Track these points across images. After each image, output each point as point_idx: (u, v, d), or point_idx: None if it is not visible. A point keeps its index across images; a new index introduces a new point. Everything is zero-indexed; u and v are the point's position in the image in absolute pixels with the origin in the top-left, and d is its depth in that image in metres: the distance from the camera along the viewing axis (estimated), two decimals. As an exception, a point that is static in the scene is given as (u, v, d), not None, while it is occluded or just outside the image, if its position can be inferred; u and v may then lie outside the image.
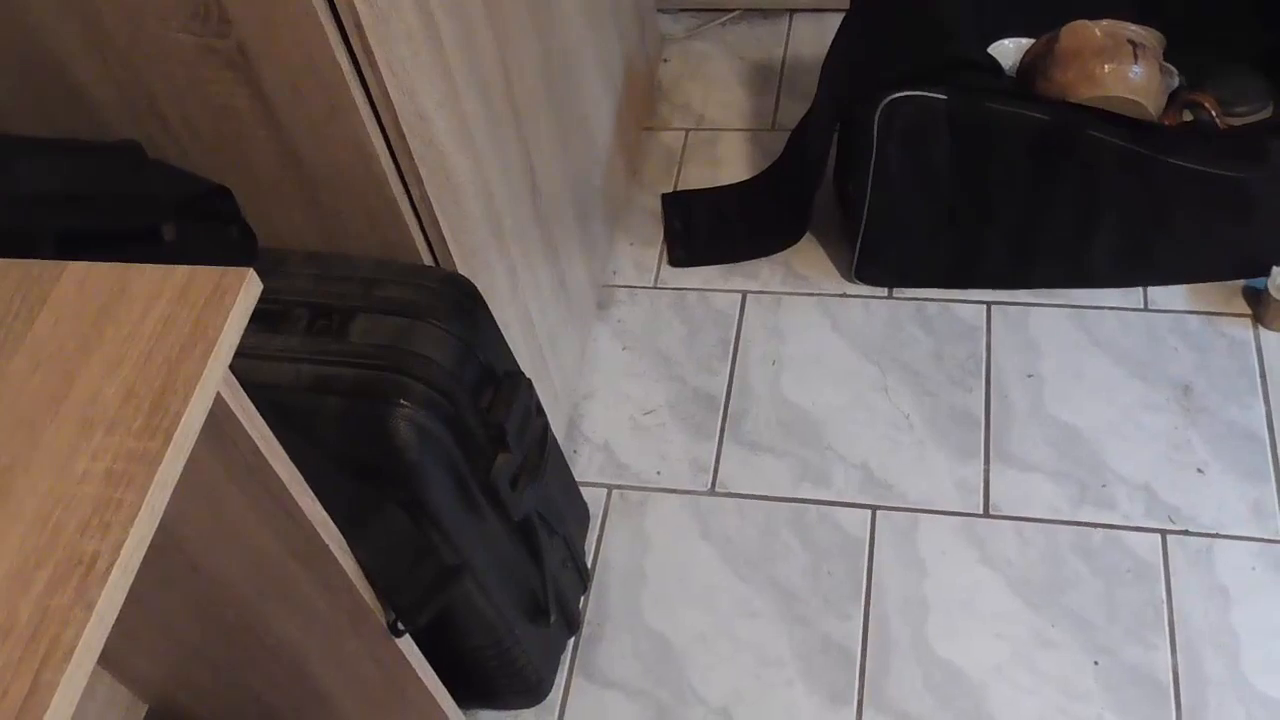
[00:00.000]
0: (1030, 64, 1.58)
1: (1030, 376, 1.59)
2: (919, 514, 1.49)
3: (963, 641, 1.38)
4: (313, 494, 0.92)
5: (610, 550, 1.52)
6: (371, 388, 1.03)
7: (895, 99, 1.47)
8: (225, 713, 1.36)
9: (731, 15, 2.13)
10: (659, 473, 1.58)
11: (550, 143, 1.49)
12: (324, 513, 0.94)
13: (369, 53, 1.02)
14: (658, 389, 1.67)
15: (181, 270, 0.73)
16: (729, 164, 1.91)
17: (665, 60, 2.08)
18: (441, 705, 1.21)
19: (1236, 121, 1.57)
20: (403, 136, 1.08)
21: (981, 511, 1.48)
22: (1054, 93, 1.51)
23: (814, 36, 2.06)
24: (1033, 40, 1.65)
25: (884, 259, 1.67)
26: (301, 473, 0.89)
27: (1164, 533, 1.43)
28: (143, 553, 0.63)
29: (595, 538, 1.53)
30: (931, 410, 1.58)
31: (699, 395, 1.65)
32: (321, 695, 1.24)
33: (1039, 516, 1.46)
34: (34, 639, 0.59)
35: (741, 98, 2.01)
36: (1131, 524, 1.44)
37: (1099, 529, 1.44)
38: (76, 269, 0.75)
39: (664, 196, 1.87)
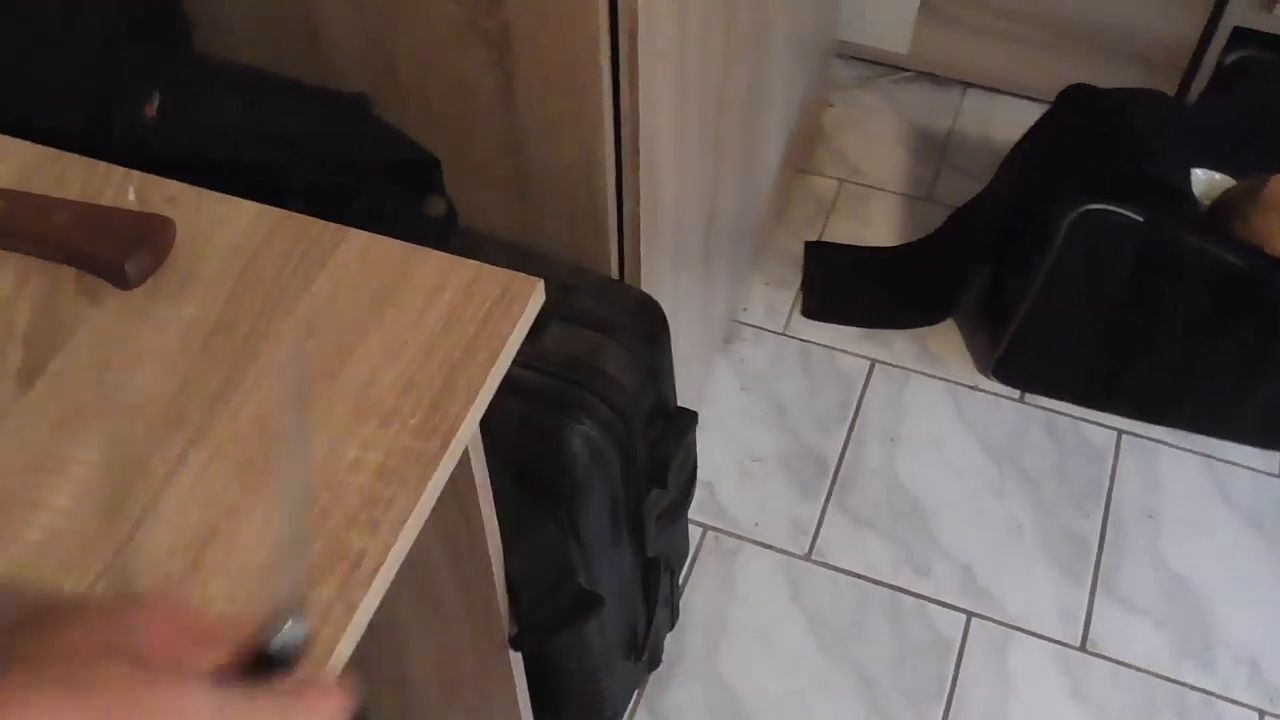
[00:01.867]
0: (1229, 203, 1.54)
1: (1151, 516, 1.56)
2: (1015, 631, 1.46)
3: (1040, 771, 1.35)
4: (493, 502, 0.89)
5: (696, 592, 1.49)
6: (557, 398, 1.00)
7: (1090, 210, 1.44)
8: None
9: (905, 75, 2.09)
10: (757, 524, 1.55)
11: (733, 174, 1.46)
12: (495, 519, 0.91)
13: (632, 61, 0.99)
14: (769, 437, 1.64)
15: (469, 265, 0.70)
16: (877, 224, 1.88)
17: (831, 105, 2.05)
18: (521, 711, 1.18)
19: None
20: (635, 151, 1.05)
21: (1079, 644, 1.45)
22: (1250, 238, 1.47)
23: (984, 114, 2.03)
24: (1226, 176, 1.61)
25: (1027, 362, 1.64)
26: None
27: (1262, 713, 1.39)
28: (403, 558, 0.60)
29: (683, 575, 1.50)
30: (1045, 525, 1.55)
31: (810, 454, 1.62)
32: (403, 673, 1.21)
33: (1138, 664, 1.43)
34: (292, 632, 0.56)
35: (901, 159, 1.97)
36: (1229, 696, 1.40)
37: (1196, 692, 1.41)
38: (358, 238, 0.72)
39: (808, 244, 1.84)
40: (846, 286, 1.79)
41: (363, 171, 1.06)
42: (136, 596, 0.57)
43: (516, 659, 1.10)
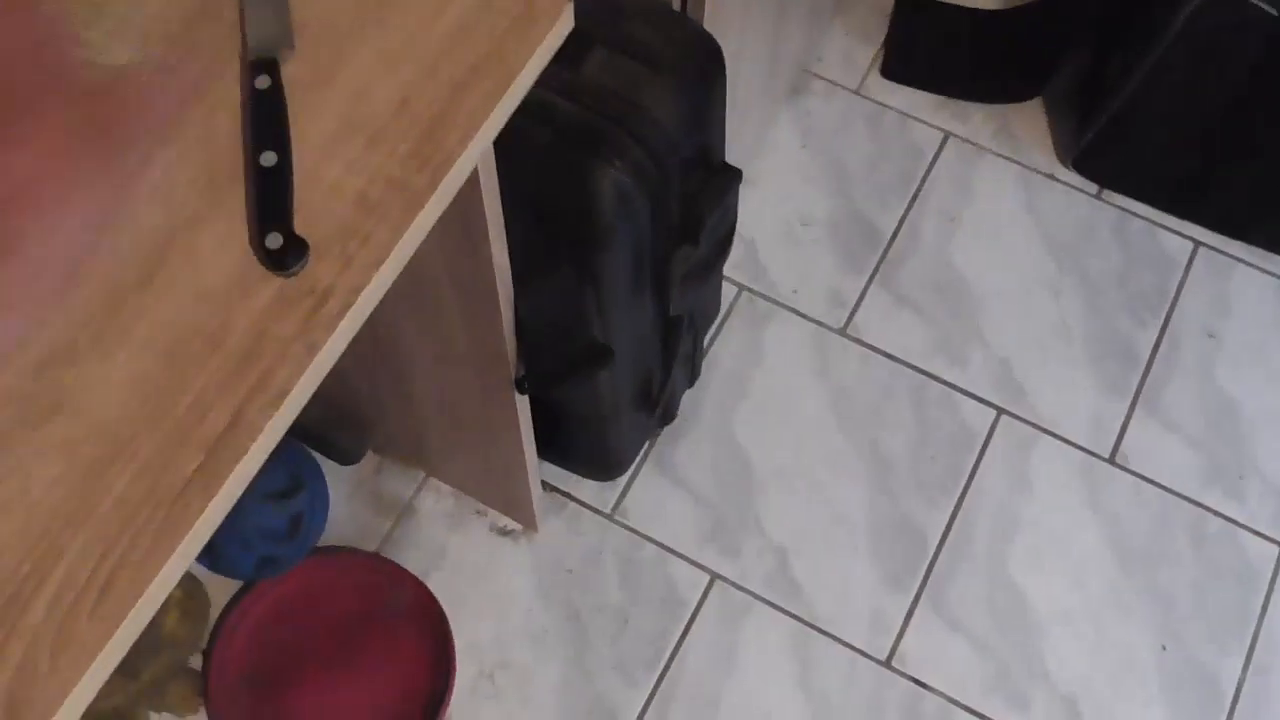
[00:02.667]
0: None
1: (1211, 336, 1.47)
2: (1043, 433, 1.41)
3: (1040, 576, 1.33)
4: (505, 239, 0.82)
5: (722, 351, 1.44)
6: (588, 134, 0.92)
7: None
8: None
9: None
10: (795, 291, 1.49)
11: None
12: (507, 261, 0.85)
13: None
14: (822, 202, 1.54)
15: (491, -29, 0.61)
16: (981, -17, 1.71)
17: None
18: (525, 455, 1.16)
19: None
20: None
21: (1108, 456, 1.40)
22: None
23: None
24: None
25: (1112, 155, 1.51)
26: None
27: (1283, 547, 1.35)
28: (377, 302, 0.54)
29: (711, 333, 1.45)
30: (1097, 331, 1.47)
31: (863, 224, 1.53)
32: (410, 398, 1.18)
33: (1163, 483, 1.38)
34: (245, 364, 0.51)
35: (1020, -87, 1.77)
36: (1253, 526, 1.36)
37: (1218, 518, 1.37)
38: (371, -76, 0.62)
39: (901, -4, 1.68)
40: (934, 49, 1.65)
41: None
42: None
43: (522, 401, 1.07)
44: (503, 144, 0.94)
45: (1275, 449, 1.40)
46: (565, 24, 0.61)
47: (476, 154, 0.57)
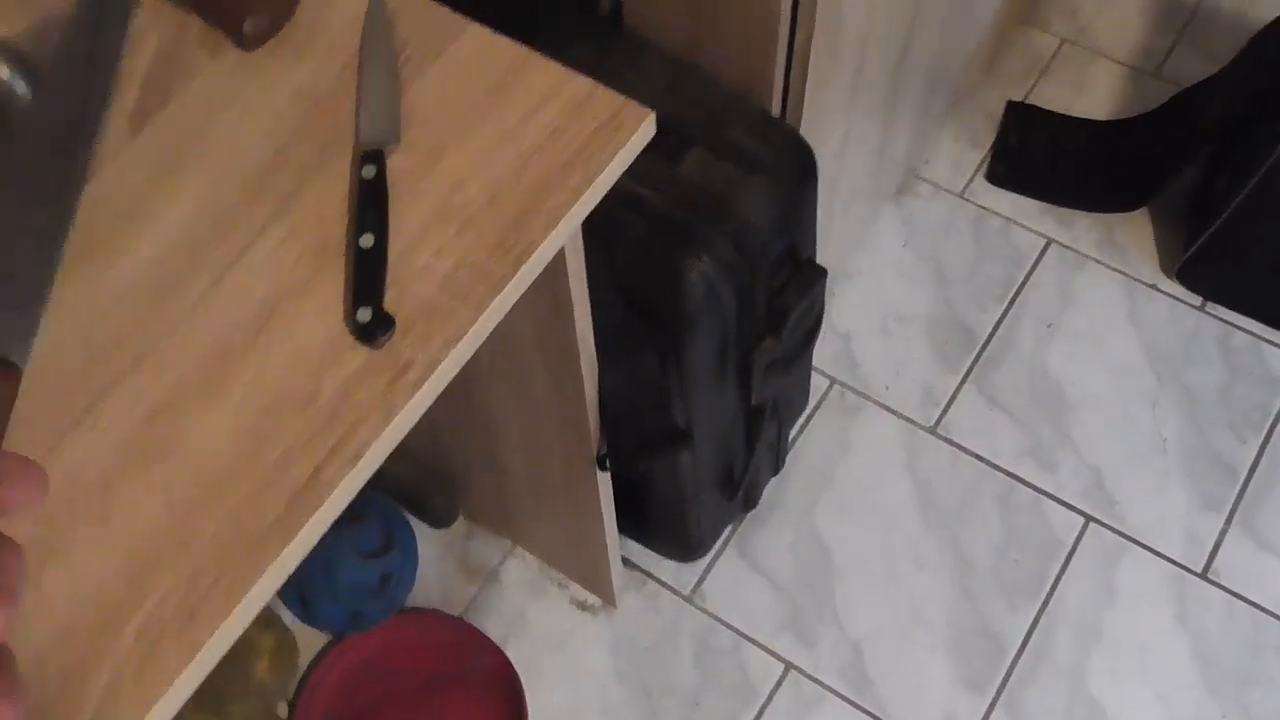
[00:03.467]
0: None
1: (1314, 457, 1.44)
2: (1133, 544, 1.39)
3: (1121, 689, 1.31)
4: (591, 318, 0.87)
5: (809, 442, 1.46)
6: (680, 228, 0.96)
7: (1329, 116, 1.28)
8: (407, 440, 1.38)
9: (1164, -70, 1.88)
10: (888, 387, 1.50)
11: (939, 11, 1.35)
12: (592, 338, 0.90)
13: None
14: (921, 300, 1.56)
15: (583, 81, 0.66)
16: (1093, 94, 1.72)
17: (1071, -48, 1.86)
18: (605, 528, 1.20)
19: None
20: (816, -25, 0.97)
21: (1200, 571, 1.37)
22: None
23: (1244, -10, 1.81)
24: None
25: (1218, 268, 1.50)
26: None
27: (1383, 681, 1.30)
28: (452, 376, 0.59)
29: (801, 423, 1.47)
30: (1194, 445, 1.45)
31: (960, 325, 1.55)
32: (498, 465, 1.23)
33: (1257, 601, 1.35)
34: (329, 424, 0.56)
35: (1135, 26, 1.79)
36: (1352, 656, 1.32)
37: (1315, 645, 1.33)
38: (478, 32, 0.69)
39: (1010, 104, 1.71)
40: (1041, 156, 1.66)
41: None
42: None
43: (604, 477, 1.10)
44: (600, 231, 0.99)
45: (1379, 579, 1.36)
46: (647, 132, 0.66)
47: (556, 245, 0.62)
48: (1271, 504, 1.41)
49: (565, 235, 0.62)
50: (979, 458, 1.45)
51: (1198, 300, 1.55)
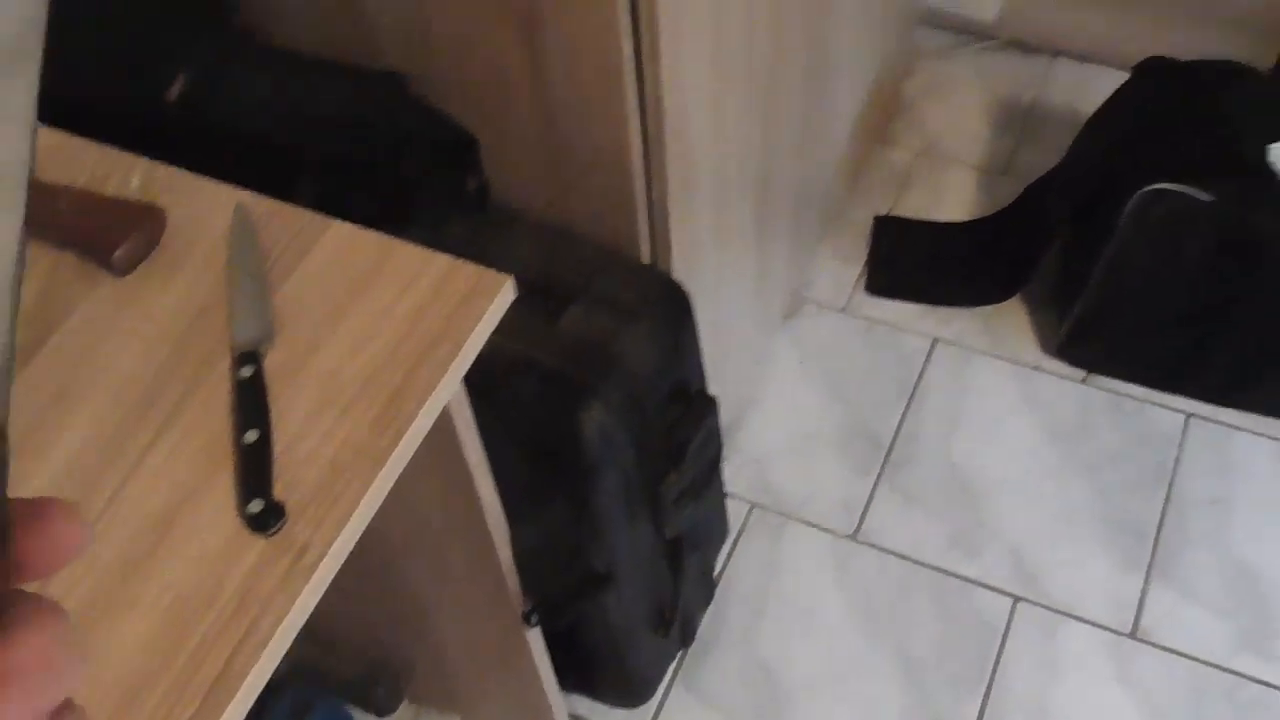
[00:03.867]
0: (1310, 184, 1.46)
1: (1215, 503, 1.50)
2: (1062, 616, 1.43)
3: (1079, 763, 1.32)
4: (492, 480, 0.91)
5: (738, 569, 1.49)
6: (570, 381, 1.01)
7: (1156, 190, 1.38)
8: (336, 629, 1.38)
9: (992, 42, 2.03)
10: (805, 503, 1.54)
11: (792, 143, 1.44)
12: (498, 500, 0.93)
13: (653, 42, 0.98)
14: (825, 415, 1.62)
15: (443, 259, 0.72)
16: (951, 198, 1.83)
17: (911, 75, 2.00)
18: (546, 690, 1.21)
19: None
20: (662, 132, 1.05)
21: (1129, 631, 1.41)
22: (1330, 222, 1.40)
23: (1073, 85, 1.95)
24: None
25: (1093, 342, 1.59)
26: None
27: (1323, 711, 1.34)
28: (348, 552, 0.62)
29: (726, 551, 1.50)
30: (1102, 511, 1.50)
31: (865, 432, 1.60)
32: (434, 646, 1.24)
33: (1191, 653, 1.39)
34: (235, 617, 0.59)
35: (981, 132, 1.92)
36: (1288, 691, 1.36)
37: (1255, 684, 1.36)
38: (341, 229, 0.74)
39: (877, 219, 1.80)
40: (913, 262, 1.75)
41: (395, 148, 1.08)
42: None
43: (535, 635, 1.12)
44: (496, 396, 1.03)
45: (1297, 612, 1.41)
46: (507, 296, 0.71)
47: (433, 413, 0.66)
48: (1184, 556, 1.46)
49: (441, 402, 0.66)
50: (903, 556, 1.49)
51: (1081, 375, 1.63)
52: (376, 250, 0.73)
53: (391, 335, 0.68)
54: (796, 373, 1.66)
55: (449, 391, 0.67)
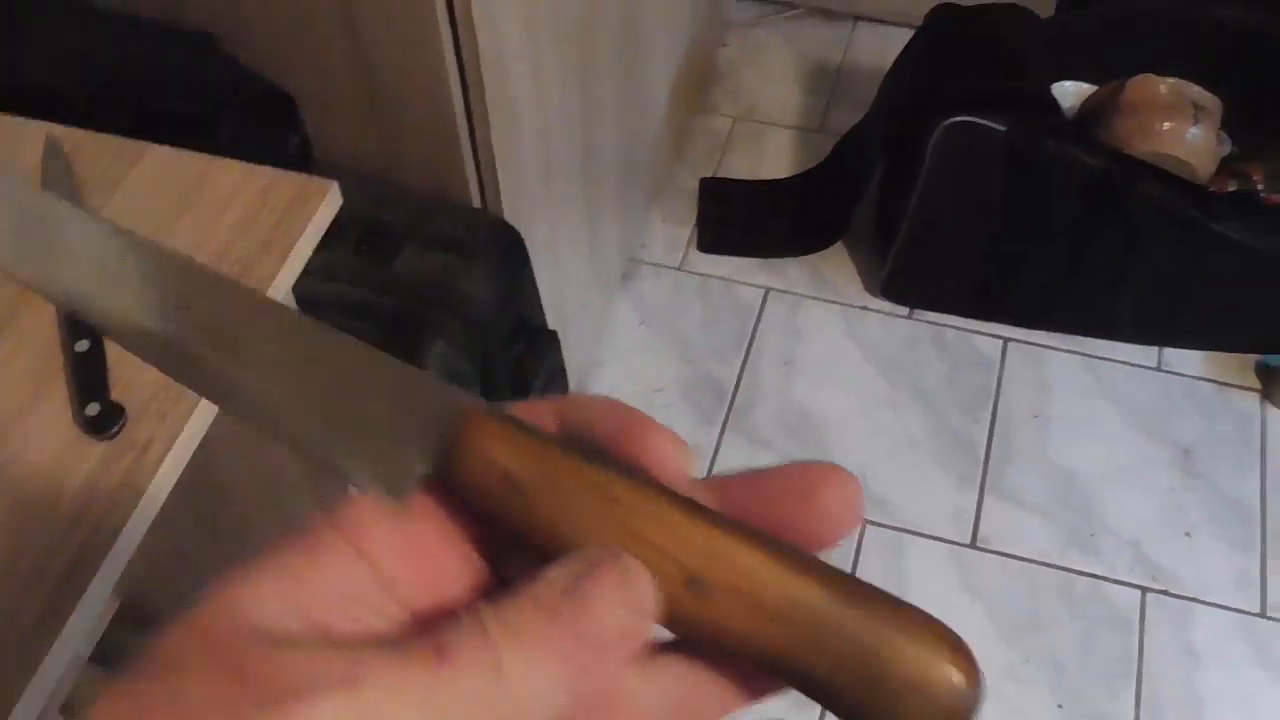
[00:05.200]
0: (1092, 109, 1.58)
1: (1036, 417, 1.60)
2: (908, 534, 1.50)
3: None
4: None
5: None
6: (411, 320, 1.02)
7: (954, 123, 1.47)
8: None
9: (797, 11, 2.12)
10: (658, 451, 1.58)
11: (611, 106, 1.48)
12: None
13: (463, -16, 1.00)
14: (668, 369, 1.66)
15: (265, 171, 0.72)
16: (772, 158, 1.90)
17: (725, 45, 2.07)
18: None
19: (1281, 200, 1.57)
20: (480, 74, 1.07)
21: (969, 542, 1.49)
22: (1111, 141, 1.51)
23: (875, 46, 2.05)
24: (1094, 86, 1.65)
25: (913, 280, 1.67)
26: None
27: (1145, 590, 1.44)
28: (195, 445, 0.62)
29: (586, 505, 1.53)
30: (935, 432, 1.58)
31: (709, 382, 1.65)
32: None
33: (1025, 555, 1.47)
34: (80, 519, 0.58)
35: (794, 95, 2.00)
36: (1114, 577, 1.45)
37: (1083, 576, 1.45)
38: (158, 152, 0.74)
39: (703, 181, 1.86)
40: (741, 220, 1.82)
41: (209, 108, 1.07)
42: None
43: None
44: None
45: (1118, 503, 1.51)
46: (334, 200, 0.72)
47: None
48: (1012, 468, 1.55)
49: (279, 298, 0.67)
50: (754, 494, 1.54)
51: (905, 311, 1.71)
52: (196, 169, 0.73)
53: (219, 246, 0.69)
54: (638, 332, 1.70)
55: (284, 292, 0.68)
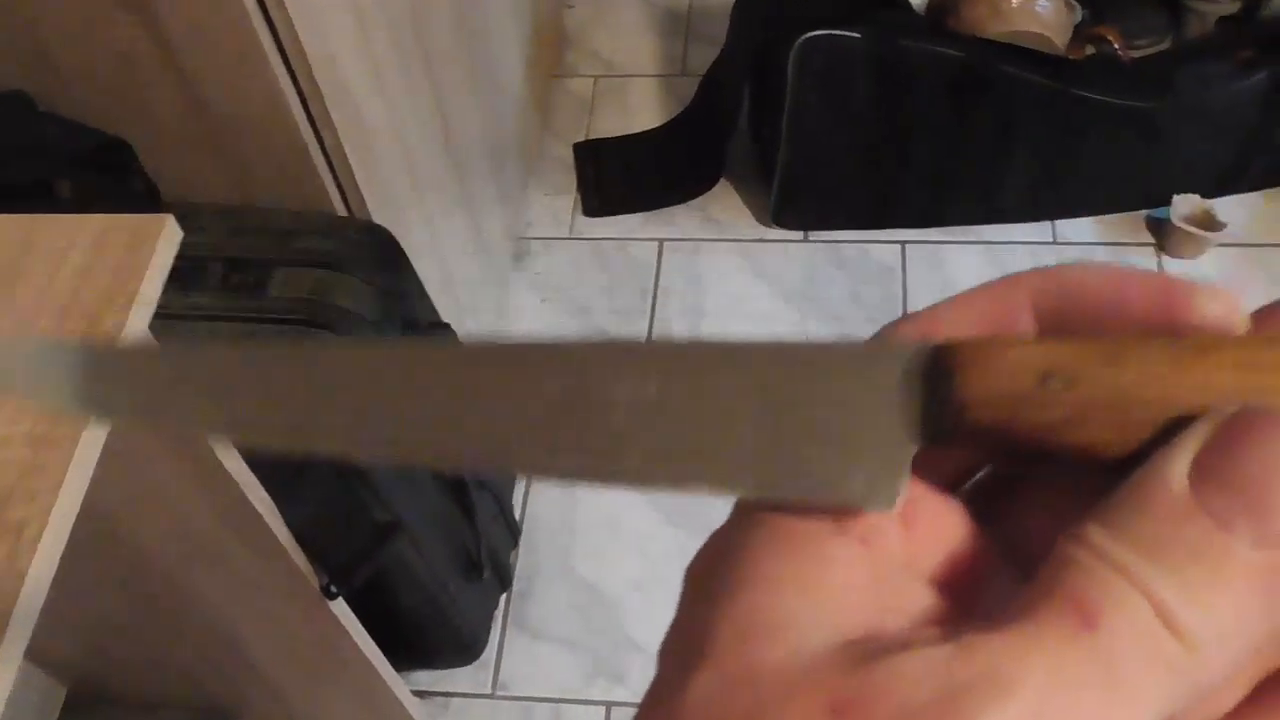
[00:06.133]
0: (941, 2, 1.58)
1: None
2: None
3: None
4: (239, 456, 0.88)
5: (538, 505, 1.50)
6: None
7: (809, 39, 1.46)
8: (153, 689, 1.32)
9: (635, -40, 2.09)
10: (584, 424, 1.56)
11: (463, 89, 1.45)
12: (251, 475, 0.90)
13: (275, -8, 0.97)
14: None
15: (95, 219, 0.69)
16: (640, 111, 1.88)
17: (570, 7, 2.04)
18: (377, 668, 1.18)
19: (1138, 54, 1.59)
20: (314, 81, 1.04)
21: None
22: (965, 29, 1.52)
23: (719, -20, 2.04)
24: (938, -22, 1.65)
25: (801, 202, 1.67)
26: (228, 432, 0.86)
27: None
28: (73, 517, 0.59)
29: (522, 495, 1.51)
30: (853, 350, 1.59)
31: (621, 344, 1.63)
32: (253, 664, 1.20)
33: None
34: (-39, 612, 0.55)
35: (650, 43, 1.98)
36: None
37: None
38: (-24, 223, 0.70)
39: (575, 146, 1.84)
40: (620, 177, 1.80)
41: (51, 167, 1.03)
42: None
43: (343, 609, 1.09)
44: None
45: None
46: (172, 234, 0.69)
47: (128, 365, 0.64)
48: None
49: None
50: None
51: (800, 235, 1.71)
52: (19, 231, 0.69)
53: (60, 303, 0.65)
54: (542, 309, 1.68)
55: (137, 337, 0.65)
